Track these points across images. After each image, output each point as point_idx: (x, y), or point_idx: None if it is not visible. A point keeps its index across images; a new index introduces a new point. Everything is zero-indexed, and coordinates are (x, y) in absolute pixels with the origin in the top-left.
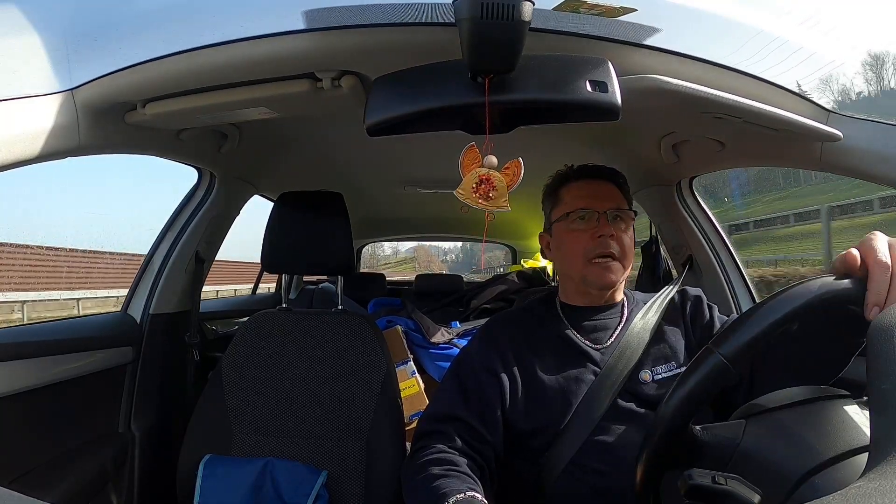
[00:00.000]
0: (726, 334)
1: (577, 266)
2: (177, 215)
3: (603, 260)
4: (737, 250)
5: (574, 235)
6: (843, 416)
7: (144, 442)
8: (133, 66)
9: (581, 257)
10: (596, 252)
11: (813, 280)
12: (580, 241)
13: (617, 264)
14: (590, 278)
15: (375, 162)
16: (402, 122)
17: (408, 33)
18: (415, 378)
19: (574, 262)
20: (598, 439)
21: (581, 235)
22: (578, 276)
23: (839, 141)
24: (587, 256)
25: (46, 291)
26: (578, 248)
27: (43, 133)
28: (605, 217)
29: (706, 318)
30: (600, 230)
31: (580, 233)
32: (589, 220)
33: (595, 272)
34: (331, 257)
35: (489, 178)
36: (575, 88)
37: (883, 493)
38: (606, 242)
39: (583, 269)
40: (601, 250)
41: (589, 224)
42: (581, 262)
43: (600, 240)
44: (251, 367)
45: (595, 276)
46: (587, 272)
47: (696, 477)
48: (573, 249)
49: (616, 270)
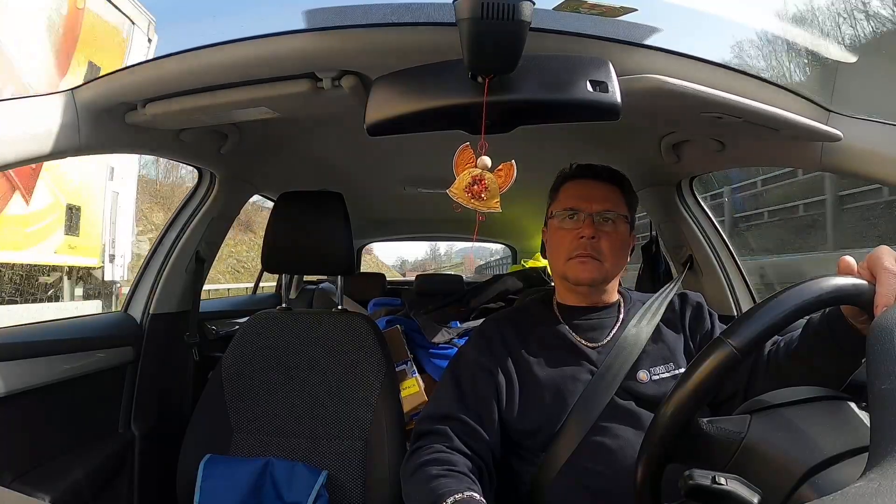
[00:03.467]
0: (737, 325)
1: (560, 262)
2: (177, 215)
3: (581, 258)
4: (737, 250)
5: (561, 234)
6: (847, 414)
7: (144, 442)
8: (133, 66)
9: (564, 255)
10: (575, 252)
11: (824, 277)
12: (564, 240)
13: (596, 263)
14: (568, 274)
15: (376, 162)
16: (402, 122)
17: (408, 33)
18: (415, 378)
19: (558, 259)
20: (596, 439)
21: (566, 234)
22: (560, 273)
23: (839, 141)
24: (568, 255)
25: None
26: (562, 246)
27: (44, 133)
28: (590, 218)
29: (707, 327)
30: (582, 231)
31: (566, 231)
32: (576, 219)
33: (572, 268)
34: (331, 257)
35: (482, 179)
36: (575, 88)
37: (883, 494)
38: (585, 244)
39: (564, 266)
40: (579, 251)
41: (576, 224)
42: (563, 259)
43: (581, 241)
44: (251, 368)
45: (572, 272)
46: (566, 269)
47: (696, 477)
48: (558, 247)
49: (593, 269)
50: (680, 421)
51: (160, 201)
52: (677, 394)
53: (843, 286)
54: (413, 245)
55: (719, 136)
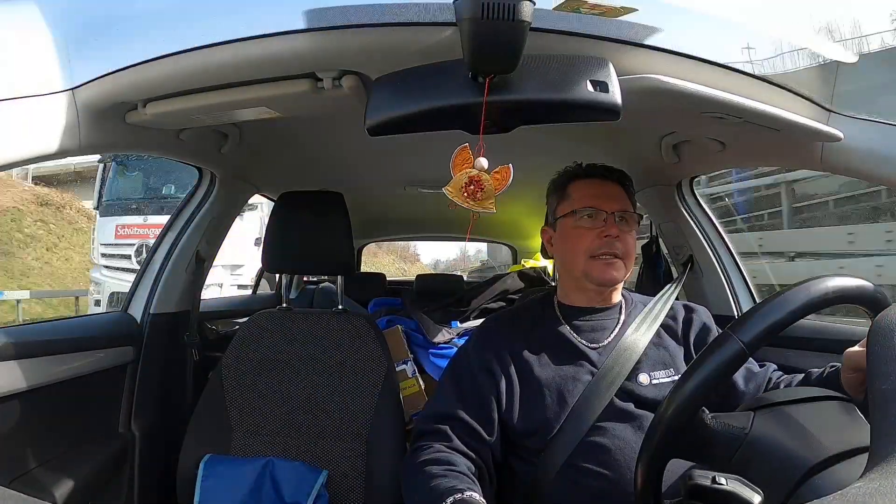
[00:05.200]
0: (744, 320)
1: (580, 262)
2: (177, 215)
3: (606, 257)
4: (737, 250)
5: (580, 233)
6: (849, 414)
7: (144, 442)
8: (133, 65)
9: (584, 254)
10: (601, 250)
11: (829, 276)
12: (585, 239)
13: (620, 262)
14: (592, 274)
15: (376, 162)
16: (402, 122)
17: (408, 33)
18: (415, 378)
19: (577, 259)
20: (595, 440)
21: (587, 233)
22: (580, 272)
23: (840, 141)
24: (591, 253)
25: None
26: (583, 245)
27: (44, 133)
28: (612, 217)
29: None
30: (607, 230)
31: (586, 231)
32: (596, 219)
33: (598, 267)
34: (331, 257)
35: (479, 180)
36: (575, 88)
37: (882, 494)
38: (611, 242)
39: (585, 265)
40: (606, 249)
41: (595, 223)
42: (584, 258)
43: (606, 239)
44: (251, 367)
45: (598, 272)
46: (589, 268)
47: (696, 477)
48: (577, 246)
49: (619, 268)
50: (685, 414)
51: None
52: (683, 387)
53: (848, 285)
54: (444, 246)
55: (719, 136)
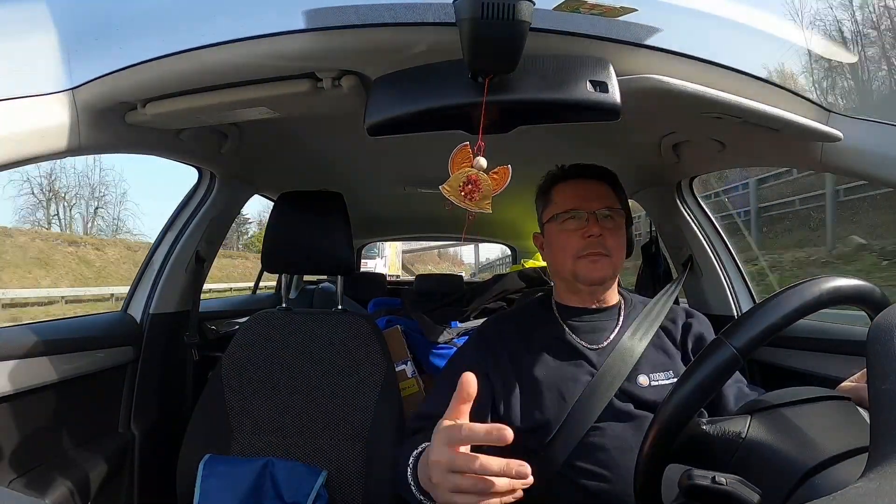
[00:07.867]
0: (737, 326)
1: (568, 264)
2: (177, 215)
3: (592, 256)
4: (737, 251)
5: (564, 235)
6: (848, 414)
7: (144, 442)
8: (133, 65)
9: (571, 256)
10: (586, 250)
11: (823, 278)
12: (570, 241)
13: (607, 260)
14: (580, 273)
15: (375, 162)
16: (402, 123)
17: (408, 33)
18: (415, 378)
19: (565, 261)
20: (594, 441)
21: (571, 235)
22: (569, 273)
23: (839, 141)
24: (577, 254)
25: None
26: (568, 247)
27: (43, 133)
28: (594, 217)
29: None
30: (589, 230)
31: (570, 233)
32: (579, 220)
33: (584, 267)
34: (331, 257)
35: (476, 180)
36: (575, 88)
37: (882, 494)
38: (595, 241)
39: (573, 266)
40: (590, 249)
41: (579, 224)
42: (571, 259)
43: (589, 239)
44: (251, 367)
45: (585, 271)
46: (577, 268)
47: (696, 477)
48: (564, 249)
49: (605, 266)
50: (680, 421)
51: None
52: (677, 394)
53: (843, 287)
54: (488, 248)
55: (719, 137)
